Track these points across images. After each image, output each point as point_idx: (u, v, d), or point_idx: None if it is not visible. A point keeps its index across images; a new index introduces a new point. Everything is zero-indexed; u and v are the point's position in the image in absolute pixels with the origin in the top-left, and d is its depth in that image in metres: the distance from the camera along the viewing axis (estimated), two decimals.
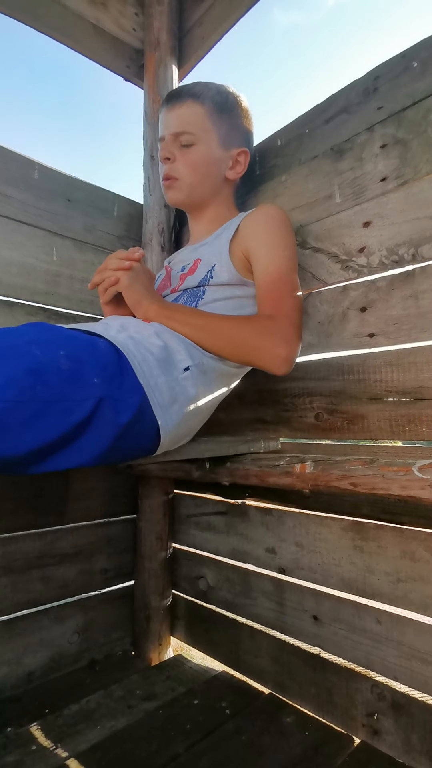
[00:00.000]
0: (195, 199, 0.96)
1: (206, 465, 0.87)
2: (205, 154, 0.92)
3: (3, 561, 0.97)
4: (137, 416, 0.64)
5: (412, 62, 0.79)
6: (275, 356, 0.76)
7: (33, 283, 1.05)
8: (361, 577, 0.81)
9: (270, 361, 0.76)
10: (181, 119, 0.91)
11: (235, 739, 0.81)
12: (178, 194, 0.95)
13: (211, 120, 0.91)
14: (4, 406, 0.51)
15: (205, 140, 0.91)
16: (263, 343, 0.76)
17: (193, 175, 0.93)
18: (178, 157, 0.92)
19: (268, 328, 0.77)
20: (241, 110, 0.96)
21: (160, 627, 1.15)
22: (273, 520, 0.97)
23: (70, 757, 0.77)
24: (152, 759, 0.77)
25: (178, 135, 0.91)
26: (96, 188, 1.19)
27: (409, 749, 0.74)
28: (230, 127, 0.94)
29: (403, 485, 0.56)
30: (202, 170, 0.93)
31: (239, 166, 0.96)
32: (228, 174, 0.96)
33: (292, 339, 0.77)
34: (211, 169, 0.94)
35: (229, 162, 0.95)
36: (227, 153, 0.94)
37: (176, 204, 0.98)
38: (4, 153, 1.03)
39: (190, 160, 0.92)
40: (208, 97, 0.91)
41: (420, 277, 0.76)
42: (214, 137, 0.92)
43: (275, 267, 0.82)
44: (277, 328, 0.77)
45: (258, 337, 0.76)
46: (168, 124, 0.93)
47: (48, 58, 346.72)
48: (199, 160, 0.92)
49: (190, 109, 0.91)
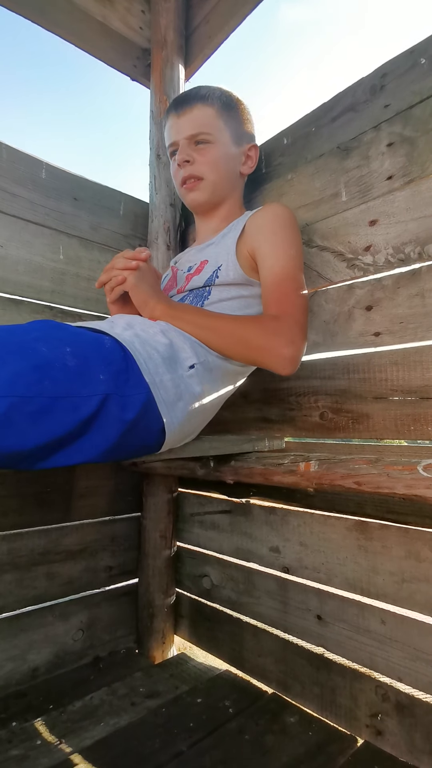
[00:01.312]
0: (217, 197, 0.96)
1: (210, 463, 0.87)
2: (222, 152, 0.93)
3: (8, 557, 0.98)
4: (142, 413, 0.64)
5: (420, 59, 0.78)
6: (281, 356, 0.76)
7: (40, 282, 1.06)
8: (366, 577, 0.81)
9: (275, 362, 0.76)
10: (194, 122, 0.91)
11: (238, 738, 0.80)
12: (202, 194, 0.95)
13: (222, 119, 0.93)
14: (10, 401, 0.51)
15: (220, 138, 0.92)
16: (269, 343, 0.76)
17: (215, 172, 0.93)
18: (196, 158, 0.92)
19: (274, 328, 0.77)
20: (243, 108, 0.98)
21: (164, 625, 1.16)
22: (277, 519, 0.96)
23: (74, 752, 0.78)
24: (155, 756, 0.77)
25: (194, 136, 0.92)
26: (102, 187, 1.19)
27: (412, 749, 0.74)
28: (238, 124, 0.96)
29: (408, 484, 0.55)
30: (222, 167, 0.94)
31: (251, 160, 0.98)
32: (242, 170, 0.98)
33: (298, 339, 0.77)
34: (229, 166, 0.95)
35: (241, 158, 0.97)
36: (239, 149, 0.96)
37: (199, 205, 0.98)
38: (12, 152, 1.03)
39: (210, 158, 0.92)
40: (215, 98, 0.92)
41: (426, 276, 0.76)
42: (227, 135, 0.93)
43: (281, 266, 0.81)
44: (282, 328, 0.77)
45: (264, 338, 0.76)
46: (180, 129, 0.93)
47: (55, 57, 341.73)
48: (218, 157, 0.93)
49: (201, 112, 0.92)
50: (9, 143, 1.03)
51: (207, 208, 0.99)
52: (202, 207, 0.98)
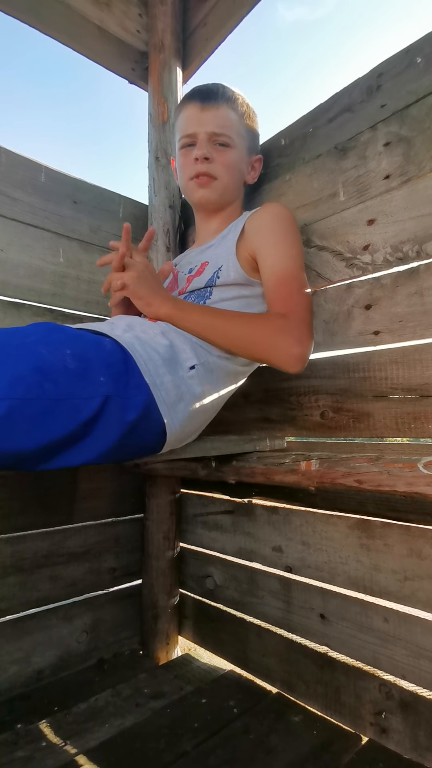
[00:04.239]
0: (224, 200, 0.97)
1: (212, 464, 0.87)
2: (238, 158, 0.94)
3: (12, 560, 0.98)
4: (143, 414, 0.64)
5: (416, 58, 0.78)
6: (290, 355, 0.76)
7: (40, 285, 1.06)
8: (368, 576, 0.81)
9: (285, 360, 0.76)
10: (219, 121, 0.92)
11: (242, 738, 0.81)
12: (212, 194, 0.95)
13: (243, 127, 0.94)
14: (11, 403, 0.52)
15: (238, 144, 0.94)
16: (278, 342, 0.76)
17: (229, 176, 0.94)
18: (216, 157, 0.92)
19: (282, 327, 0.77)
20: (256, 118, 0.99)
21: (168, 626, 1.16)
22: (279, 519, 0.97)
23: (79, 753, 0.78)
24: (160, 757, 0.77)
25: (217, 136, 0.92)
26: (102, 190, 1.20)
27: (416, 746, 0.74)
28: (253, 135, 0.98)
29: (409, 482, 0.55)
30: (235, 173, 0.95)
31: (255, 171, 1.00)
32: (247, 179, 0.99)
33: (306, 337, 0.77)
34: (240, 173, 0.97)
35: (249, 167, 0.99)
36: (249, 159, 0.98)
37: (207, 204, 0.97)
38: (11, 156, 1.04)
39: (228, 161, 0.93)
40: (239, 104, 0.94)
41: (425, 274, 0.76)
42: (243, 143, 0.95)
43: (283, 265, 0.82)
44: (290, 326, 0.76)
45: (272, 337, 0.76)
46: (202, 123, 0.92)
47: (52, 61, 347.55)
48: (234, 163, 0.94)
49: (227, 114, 0.92)
50: (8, 147, 1.04)
51: (212, 208, 0.99)
52: (208, 206, 0.98)
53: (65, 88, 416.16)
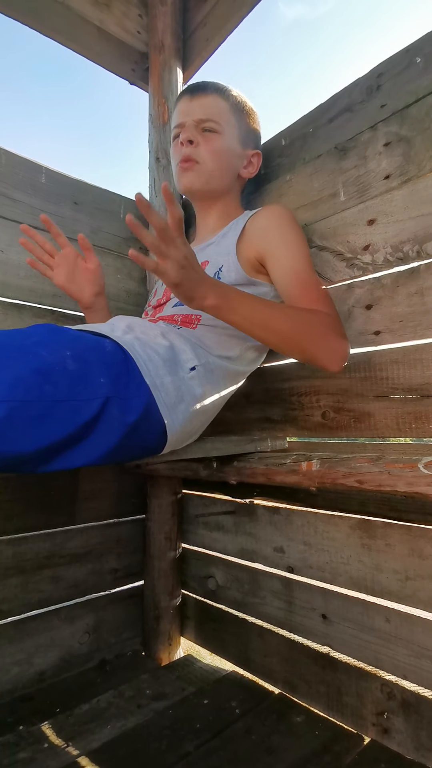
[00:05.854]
0: (210, 188, 0.94)
1: (213, 464, 0.87)
2: (226, 144, 0.93)
3: (13, 561, 0.98)
4: (144, 416, 0.64)
5: (416, 58, 0.78)
6: (337, 352, 0.74)
7: (41, 286, 1.06)
8: (370, 576, 0.81)
9: (333, 357, 0.74)
10: (206, 108, 0.91)
11: (245, 739, 0.81)
12: (196, 179, 0.92)
13: (233, 115, 0.93)
14: (11, 405, 0.52)
15: (227, 132, 0.92)
16: (330, 339, 0.74)
17: (214, 161, 0.92)
18: (200, 141, 0.91)
19: (330, 324, 0.75)
20: (255, 116, 0.98)
21: (170, 627, 1.16)
22: (281, 519, 0.97)
23: (81, 755, 0.78)
24: (162, 757, 0.77)
25: (203, 121, 0.91)
26: (103, 191, 1.20)
27: (418, 746, 0.73)
28: (248, 128, 0.97)
29: (410, 482, 0.55)
30: (222, 159, 0.93)
31: (252, 166, 0.98)
32: (242, 172, 0.97)
33: (345, 334, 0.77)
34: (230, 162, 0.94)
35: (244, 161, 0.97)
36: (243, 152, 0.96)
37: (191, 190, 0.95)
38: (12, 158, 1.04)
39: (213, 146, 0.91)
40: (231, 95, 0.93)
41: (425, 274, 0.76)
42: (235, 132, 0.94)
43: (301, 265, 0.81)
44: (336, 324, 0.76)
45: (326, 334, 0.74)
46: (190, 112, 0.92)
47: (54, 60, 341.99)
48: (221, 148, 0.92)
49: (215, 101, 0.92)
50: (8, 148, 1.04)
51: (200, 197, 0.97)
52: (195, 193, 0.96)
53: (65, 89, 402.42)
